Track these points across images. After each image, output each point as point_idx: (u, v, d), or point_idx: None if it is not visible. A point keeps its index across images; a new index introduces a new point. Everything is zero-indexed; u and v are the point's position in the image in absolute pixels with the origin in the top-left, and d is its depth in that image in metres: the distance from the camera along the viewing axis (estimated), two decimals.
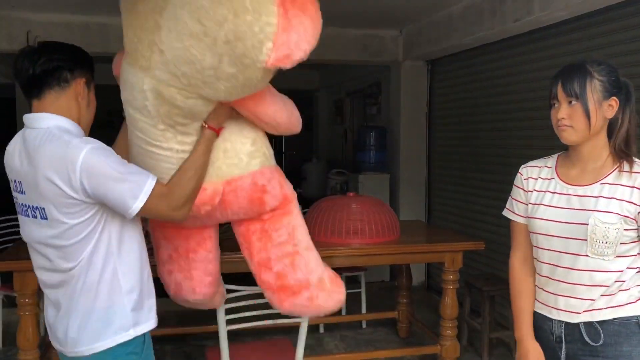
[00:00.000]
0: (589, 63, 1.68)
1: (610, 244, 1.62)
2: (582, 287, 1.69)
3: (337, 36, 5.32)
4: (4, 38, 4.66)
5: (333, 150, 8.28)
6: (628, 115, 1.68)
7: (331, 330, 4.46)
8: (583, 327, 1.69)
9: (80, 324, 1.65)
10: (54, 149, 1.58)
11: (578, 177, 1.73)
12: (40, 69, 1.67)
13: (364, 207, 3.54)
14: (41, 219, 1.62)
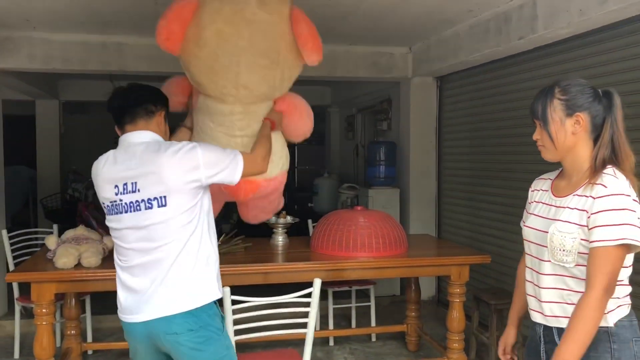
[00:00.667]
0: (558, 83, 1.79)
1: (568, 252, 1.71)
2: (549, 291, 1.79)
3: (347, 53, 5.43)
4: (25, 57, 4.83)
5: (345, 166, 8.36)
6: (609, 124, 1.74)
7: (341, 343, 4.51)
8: (555, 331, 1.79)
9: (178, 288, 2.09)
10: (174, 151, 2.08)
11: (564, 189, 1.82)
12: (132, 102, 2.19)
13: (371, 220, 3.61)
14: (159, 206, 2.06)
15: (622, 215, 1.64)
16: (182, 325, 2.08)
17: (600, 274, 1.64)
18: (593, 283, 1.65)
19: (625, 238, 1.62)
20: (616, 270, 1.66)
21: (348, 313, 4.84)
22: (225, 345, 2.20)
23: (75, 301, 3.84)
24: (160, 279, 2.09)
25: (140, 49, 5.03)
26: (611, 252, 1.64)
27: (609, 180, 1.68)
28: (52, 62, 4.89)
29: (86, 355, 4.16)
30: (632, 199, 1.68)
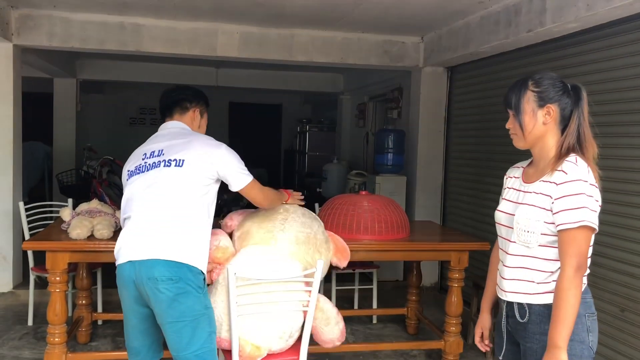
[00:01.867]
0: (530, 76, 1.92)
1: (531, 233, 1.84)
2: (513, 270, 1.93)
3: (359, 41, 5.50)
4: (45, 35, 4.96)
5: (355, 152, 8.44)
6: (576, 117, 1.88)
7: None
8: (516, 306, 1.93)
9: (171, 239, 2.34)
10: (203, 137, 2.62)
11: (532, 175, 1.95)
12: (171, 100, 2.73)
13: (375, 205, 3.70)
14: (176, 166, 2.42)
15: (580, 199, 1.77)
16: (163, 273, 2.27)
17: (568, 256, 1.78)
18: (563, 265, 1.79)
19: (584, 220, 1.76)
20: (582, 251, 1.78)
21: (351, 295, 4.96)
22: (204, 304, 2.38)
23: (87, 273, 3.99)
24: (158, 226, 2.35)
25: (157, 30, 5.15)
26: (575, 234, 1.77)
27: (568, 167, 1.81)
28: (70, 40, 5.02)
29: (96, 325, 4.32)
30: (589, 184, 1.80)
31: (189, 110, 2.73)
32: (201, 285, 2.39)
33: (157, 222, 2.36)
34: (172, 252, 2.31)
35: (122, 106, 10.68)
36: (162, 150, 2.50)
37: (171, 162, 2.44)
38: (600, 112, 3.60)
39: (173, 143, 2.52)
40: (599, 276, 3.57)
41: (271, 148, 11.74)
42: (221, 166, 2.47)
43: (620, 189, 3.46)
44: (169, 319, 2.31)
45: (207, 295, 2.44)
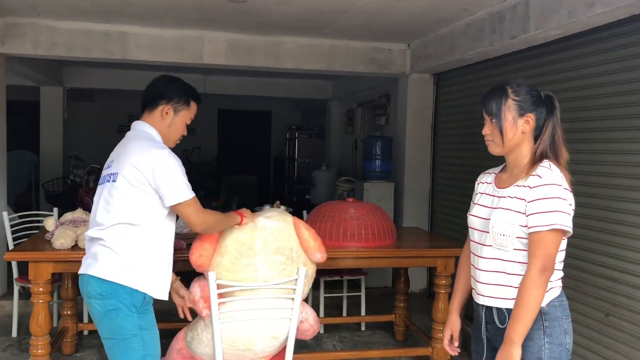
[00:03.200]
0: (509, 84, 1.94)
1: (507, 237, 1.87)
2: (490, 274, 1.94)
3: (346, 48, 5.52)
4: (30, 43, 4.93)
5: (344, 159, 8.45)
6: (551, 125, 1.93)
7: (331, 331, 4.61)
8: (495, 311, 1.94)
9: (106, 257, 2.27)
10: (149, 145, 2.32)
11: (506, 180, 1.99)
12: (144, 94, 2.47)
13: (361, 212, 3.71)
14: (112, 181, 2.29)
15: (554, 203, 1.81)
16: (95, 288, 2.26)
17: (535, 257, 1.82)
18: (529, 266, 1.83)
19: (556, 224, 1.80)
20: (550, 253, 1.83)
21: (339, 303, 4.95)
22: (137, 325, 2.27)
23: (71, 283, 3.95)
24: (96, 243, 2.31)
25: (143, 38, 5.14)
26: (545, 237, 1.81)
27: (543, 172, 1.86)
28: (55, 49, 5.00)
29: (82, 336, 4.28)
30: (563, 188, 1.85)
31: (158, 107, 2.42)
32: (137, 305, 2.27)
33: (95, 238, 2.32)
34: (104, 270, 2.26)
35: (110, 114, 10.65)
36: (112, 162, 2.38)
37: (110, 176, 2.33)
38: (582, 117, 3.64)
39: (120, 151, 2.37)
40: (583, 281, 3.59)
41: (261, 155, 11.74)
42: (153, 176, 2.24)
43: (603, 194, 3.49)
44: (102, 334, 2.33)
45: (144, 316, 2.30)
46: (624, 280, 3.33)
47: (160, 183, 2.25)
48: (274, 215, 2.83)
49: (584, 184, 3.58)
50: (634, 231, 3.26)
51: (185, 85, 2.51)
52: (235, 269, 2.64)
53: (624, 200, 3.34)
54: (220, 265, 2.64)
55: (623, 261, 3.34)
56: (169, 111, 2.43)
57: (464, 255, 2.16)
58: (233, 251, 2.65)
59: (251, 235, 2.68)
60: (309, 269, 2.84)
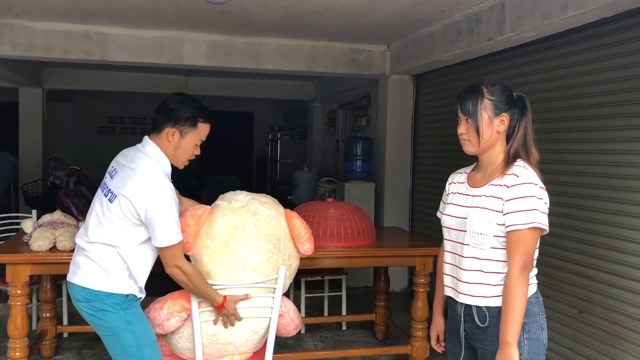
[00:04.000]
0: (484, 84, 1.96)
1: (484, 235, 1.88)
2: (469, 273, 1.96)
3: (327, 49, 5.54)
4: (7, 44, 4.88)
5: (326, 160, 8.48)
6: (523, 125, 1.96)
7: (312, 331, 4.63)
8: (475, 310, 1.95)
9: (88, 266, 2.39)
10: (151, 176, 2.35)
11: (480, 180, 2.00)
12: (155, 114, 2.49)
13: (341, 212, 3.73)
14: (109, 200, 2.35)
15: (531, 202, 1.84)
16: (80, 293, 2.38)
17: (516, 255, 1.85)
18: (510, 264, 1.85)
19: (534, 222, 1.83)
20: (530, 250, 1.85)
21: (321, 302, 4.97)
22: (125, 320, 2.38)
23: (50, 285, 3.93)
24: (82, 252, 2.42)
25: (123, 39, 5.11)
26: (524, 235, 1.84)
27: (519, 171, 1.89)
28: (34, 50, 4.95)
29: (62, 338, 4.26)
30: (539, 186, 1.88)
31: (164, 130, 2.43)
32: (120, 303, 2.37)
33: (81, 248, 2.43)
34: (85, 279, 2.38)
35: (90, 115, 10.55)
36: (115, 172, 2.44)
37: (109, 192, 2.38)
38: (557, 118, 3.71)
39: (124, 167, 2.41)
40: (558, 278, 3.66)
41: (243, 156, 11.73)
42: (145, 214, 2.30)
43: (577, 193, 3.56)
44: (97, 332, 2.46)
45: (129, 311, 2.39)
46: (598, 278, 3.40)
47: (151, 223, 2.31)
48: (268, 202, 2.87)
49: (559, 183, 3.65)
50: (609, 230, 3.33)
51: (193, 106, 2.49)
52: (225, 253, 2.63)
53: (599, 199, 3.41)
54: (210, 248, 2.64)
55: (598, 259, 3.41)
56: (175, 134, 2.43)
57: (442, 256, 2.16)
58: (225, 235, 2.64)
59: (244, 220, 2.68)
60: (293, 262, 2.88)
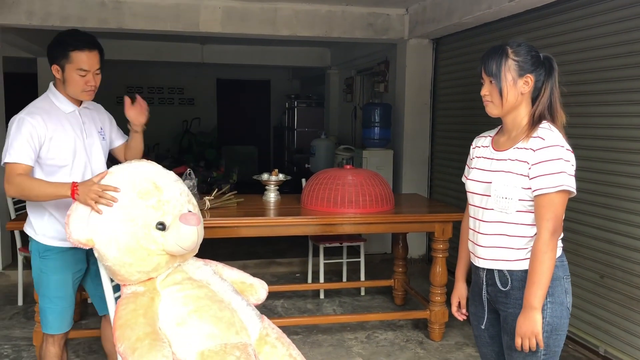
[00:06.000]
0: (509, 44, 1.91)
1: (510, 199, 1.86)
2: (490, 237, 1.94)
3: (344, 13, 5.46)
4: (24, 14, 4.89)
5: (343, 127, 8.43)
6: (549, 87, 1.90)
7: (331, 297, 4.69)
8: (497, 274, 1.95)
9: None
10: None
11: (504, 143, 1.97)
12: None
13: (359, 179, 3.73)
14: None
15: (559, 164, 1.80)
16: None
17: (545, 219, 1.82)
18: (540, 229, 1.83)
19: (563, 185, 1.79)
20: (559, 214, 1.83)
21: (339, 269, 5.01)
22: (38, 267, 2.54)
23: None
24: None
25: (138, 6, 5.09)
26: (553, 199, 1.81)
27: (545, 133, 1.85)
28: (50, 19, 4.95)
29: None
30: (565, 149, 1.83)
31: (51, 68, 2.51)
32: (40, 250, 2.52)
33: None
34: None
35: (108, 85, 10.55)
36: None
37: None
38: (581, 80, 3.62)
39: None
40: (579, 243, 3.63)
41: (261, 125, 11.71)
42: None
43: (599, 157, 3.50)
44: None
45: (44, 261, 2.52)
46: (619, 242, 3.37)
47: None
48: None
49: (581, 147, 3.59)
50: (631, 193, 3.29)
51: (61, 40, 2.48)
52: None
53: (621, 163, 3.35)
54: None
55: (619, 223, 3.37)
56: (57, 70, 2.48)
57: (466, 222, 2.13)
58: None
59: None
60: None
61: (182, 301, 2.23)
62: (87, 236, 2.23)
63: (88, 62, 2.47)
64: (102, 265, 2.34)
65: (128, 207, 2.21)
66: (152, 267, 2.25)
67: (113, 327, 2.19)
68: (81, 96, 2.53)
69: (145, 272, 2.25)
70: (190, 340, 2.14)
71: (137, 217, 2.20)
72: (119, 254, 2.21)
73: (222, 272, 2.56)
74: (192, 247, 2.29)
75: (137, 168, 2.34)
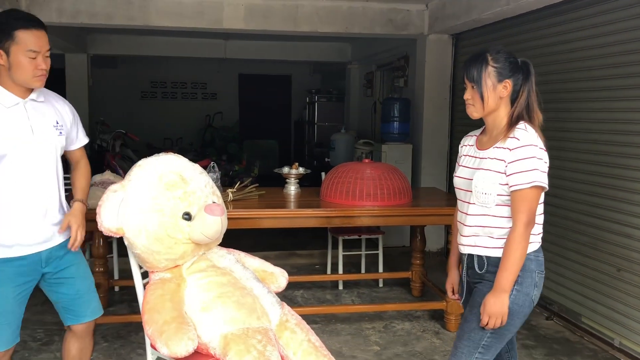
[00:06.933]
0: (489, 52, 2.07)
1: (489, 195, 2.03)
2: (473, 228, 2.12)
3: (364, 10, 5.53)
4: (54, 12, 5.06)
5: (363, 122, 8.51)
6: (527, 90, 2.07)
7: (350, 288, 4.79)
8: (475, 259, 2.14)
9: None
10: None
11: (486, 142, 2.14)
12: None
13: (377, 172, 3.81)
14: None
15: (532, 162, 1.98)
16: None
17: (520, 212, 2.00)
18: (515, 221, 2.01)
19: (535, 181, 1.97)
20: (532, 208, 2.01)
21: (358, 261, 5.10)
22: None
23: (103, 242, 4.16)
24: None
25: (164, 4, 5.23)
26: (527, 194, 1.99)
27: (520, 134, 2.02)
28: (79, 16, 5.12)
29: (113, 292, 4.53)
30: (539, 147, 2.01)
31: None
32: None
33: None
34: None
35: (133, 80, 10.82)
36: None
37: None
38: (602, 76, 3.65)
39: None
40: (596, 237, 3.67)
41: (282, 119, 11.84)
42: None
43: (619, 152, 3.53)
44: None
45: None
46: (637, 236, 3.41)
47: None
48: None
49: (600, 142, 3.63)
50: None
51: (2, 19, 2.16)
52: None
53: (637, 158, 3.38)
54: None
55: (637, 217, 3.40)
56: (2, 55, 2.14)
57: (457, 216, 2.30)
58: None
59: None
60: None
61: (206, 287, 2.35)
62: (117, 225, 2.36)
63: (37, 42, 2.16)
64: (131, 252, 2.47)
65: (156, 198, 2.33)
66: (179, 255, 2.37)
67: (142, 311, 2.31)
68: (32, 83, 2.20)
69: (172, 259, 2.37)
70: (214, 324, 2.26)
71: (165, 208, 2.32)
72: (147, 242, 2.33)
73: (245, 261, 2.68)
74: (216, 236, 2.41)
75: (164, 161, 2.46)
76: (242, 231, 3.96)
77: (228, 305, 2.30)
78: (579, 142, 3.88)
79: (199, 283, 2.36)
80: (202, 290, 2.34)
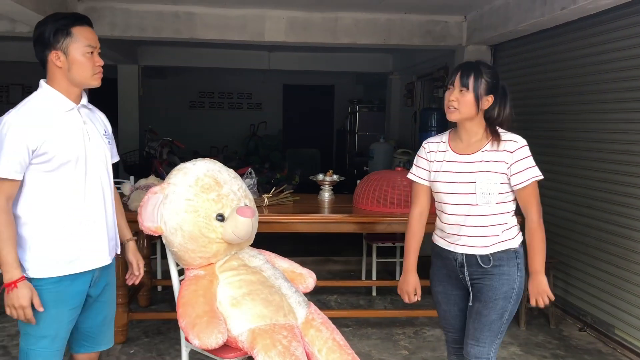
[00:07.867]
0: (481, 65, 2.23)
1: (492, 194, 2.19)
2: (477, 228, 2.25)
3: (402, 21, 5.63)
4: (107, 26, 5.38)
5: (404, 132, 8.57)
6: (503, 108, 2.27)
7: (383, 294, 4.86)
8: (479, 257, 2.26)
9: None
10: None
11: (465, 148, 2.28)
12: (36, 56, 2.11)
13: (409, 180, 3.87)
14: None
15: (530, 160, 2.23)
16: None
17: (532, 205, 2.25)
18: (531, 213, 2.25)
19: (537, 175, 2.23)
20: (539, 198, 2.26)
21: (392, 268, 5.17)
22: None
23: (147, 243, 4.39)
24: None
25: (209, 17, 5.48)
26: (533, 187, 2.24)
27: (514, 137, 2.25)
28: (130, 30, 5.42)
29: (156, 290, 4.75)
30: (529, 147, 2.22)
31: (48, 64, 2.07)
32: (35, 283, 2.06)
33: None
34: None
35: (181, 90, 11.23)
36: None
37: None
38: (632, 87, 3.64)
39: None
40: (628, 248, 3.65)
41: (324, 128, 12.02)
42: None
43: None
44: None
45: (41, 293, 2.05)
46: None
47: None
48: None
49: (632, 153, 3.62)
50: None
51: (54, 20, 2.08)
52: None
53: None
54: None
55: None
56: (58, 56, 2.05)
57: (420, 219, 2.49)
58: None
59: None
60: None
61: (237, 284, 2.50)
62: (156, 224, 2.54)
63: (93, 37, 2.12)
64: (169, 251, 2.66)
65: (192, 200, 2.50)
66: (212, 254, 2.54)
67: (177, 304, 2.49)
68: (92, 81, 2.11)
69: (205, 257, 2.54)
70: (243, 319, 2.40)
71: (200, 209, 2.49)
72: (183, 241, 2.50)
73: (275, 261, 2.83)
74: (247, 237, 2.56)
75: (201, 166, 2.63)
76: (280, 237, 4.11)
77: (257, 302, 2.44)
78: (614, 153, 3.87)
79: (230, 280, 2.52)
80: (232, 287, 2.50)
